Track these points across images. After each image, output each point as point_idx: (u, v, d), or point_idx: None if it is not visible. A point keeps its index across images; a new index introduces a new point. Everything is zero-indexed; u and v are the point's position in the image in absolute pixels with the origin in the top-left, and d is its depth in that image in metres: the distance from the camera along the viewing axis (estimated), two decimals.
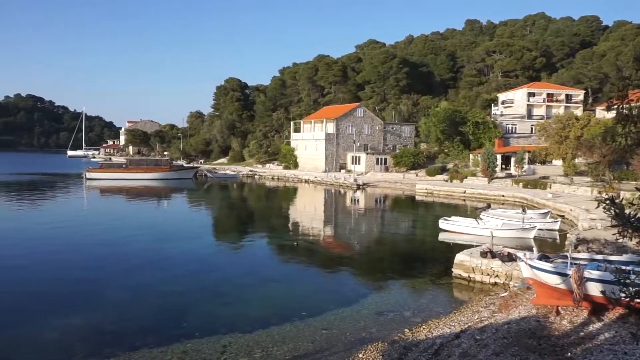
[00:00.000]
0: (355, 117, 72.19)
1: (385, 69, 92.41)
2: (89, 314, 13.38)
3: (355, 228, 31.42)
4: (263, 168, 79.76)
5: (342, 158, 70.82)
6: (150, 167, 65.94)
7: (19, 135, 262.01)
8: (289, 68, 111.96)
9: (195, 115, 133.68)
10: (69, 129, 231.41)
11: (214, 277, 17.76)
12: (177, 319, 13.11)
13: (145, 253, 21.57)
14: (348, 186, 54.48)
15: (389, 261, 21.30)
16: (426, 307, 14.22)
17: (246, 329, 12.22)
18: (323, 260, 21.09)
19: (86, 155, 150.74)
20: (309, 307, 14.01)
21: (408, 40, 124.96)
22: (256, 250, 23.14)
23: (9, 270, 18.00)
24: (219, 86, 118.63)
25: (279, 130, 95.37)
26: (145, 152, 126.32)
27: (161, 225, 29.94)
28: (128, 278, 17.26)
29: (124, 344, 11.26)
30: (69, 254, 20.98)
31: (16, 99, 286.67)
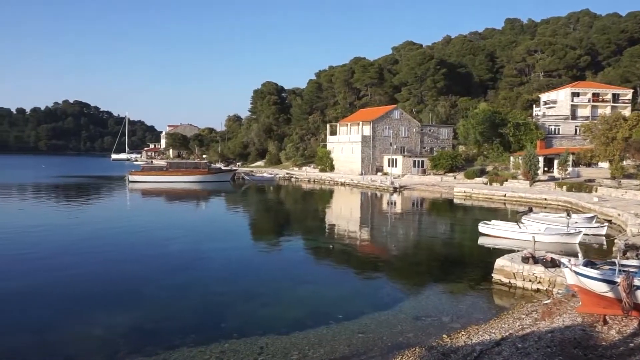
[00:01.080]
0: (392, 119, 71.62)
1: (423, 70, 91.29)
2: (132, 312, 13.78)
3: (392, 231, 31.13)
4: (299, 171, 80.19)
5: (378, 161, 70.40)
6: (190, 170, 67.44)
7: (67, 140, 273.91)
8: (325, 71, 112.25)
9: (233, 118, 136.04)
10: (112, 133, 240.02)
11: (251, 278, 17.96)
12: (215, 319, 13.33)
13: (184, 254, 22.08)
14: (384, 189, 54.08)
15: (427, 265, 20.98)
16: (465, 313, 13.92)
17: (283, 331, 12.30)
18: (359, 264, 20.99)
19: (129, 158, 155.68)
20: (345, 310, 13.96)
21: (446, 41, 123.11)
22: (292, 253, 23.27)
23: (59, 269, 18.75)
24: (256, 90, 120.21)
25: (315, 133, 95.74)
26: (185, 155, 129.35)
27: (200, 227, 30.56)
28: (168, 278, 17.69)
29: (165, 342, 11.53)
30: (113, 254, 21.68)
31: (64, 105, 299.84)
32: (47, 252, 21.53)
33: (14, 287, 16.20)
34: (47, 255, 20.93)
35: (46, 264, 19.37)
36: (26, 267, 18.94)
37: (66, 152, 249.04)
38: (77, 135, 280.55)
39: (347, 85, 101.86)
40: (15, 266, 19.04)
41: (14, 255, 20.92)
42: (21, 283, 16.66)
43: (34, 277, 17.50)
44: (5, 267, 18.82)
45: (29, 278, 17.34)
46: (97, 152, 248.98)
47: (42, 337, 11.98)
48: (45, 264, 19.36)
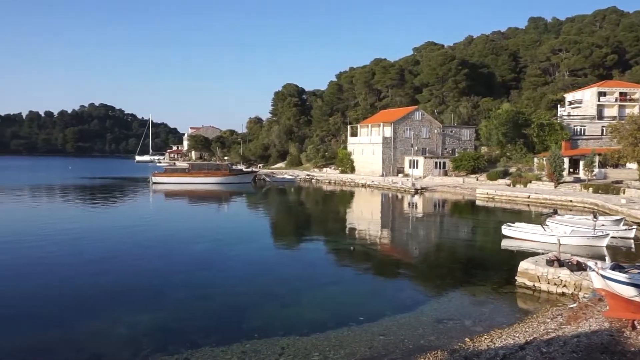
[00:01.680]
0: (413, 120, 71.14)
1: (444, 70, 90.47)
2: (155, 312, 13.99)
3: (413, 233, 30.91)
4: (320, 172, 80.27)
5: (399, 162, 69.98)
6: (211, 171, 68.16)
7: (93, 142, 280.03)
8: (346, 72, 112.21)
9: (254, 121, 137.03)
10: (137, 136, 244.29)
11: (271, 279, 18.05)
12: (237, 319, 13.44)
13: (206, 254, 22.34)
14: (405, 190, 53.74)
15: (449, 268, 20.76)
16: (488, 317, 13.73)
17: (304, 332, 12.33)
18: (380, 265, 20.90)
19: (152, 160, 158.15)
20: (366, 312, 13.93)
21: (467, 41, 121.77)
22: (313, 254, 23.30)
23: (86, 268, 19.18)
24: (276, 92, 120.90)
25: (335, 135, 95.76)
26: (207, 157, 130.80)
27: (221, 228, 30.84)
28: (191, 278, 17.91)
29: (187, 342, 11.68)
30: (137, 254, 22.06)
31: (90, 108, 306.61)
32: (74, 253, 22.03)
33: (42, 285, 16.62)
34: (74, 256, 21.42)
35: (74, 264, 19.83)
36: (54, 266, 19.41)
37: (92, 154, 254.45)
38: (102, 138, 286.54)
39: (367, 87, 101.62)
40: (44, 266, 19.53)
41: (42, 255, 21.46)
42: (49, 282, 17.09)
43: (62, 276, 17.93)
44: (34, 267, 19.31)
45: (57, 277, 17.78)
46: (121, 154, 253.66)
47: (71, 334, 12.27)
48: (72, 264, 19.83)
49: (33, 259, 20.47)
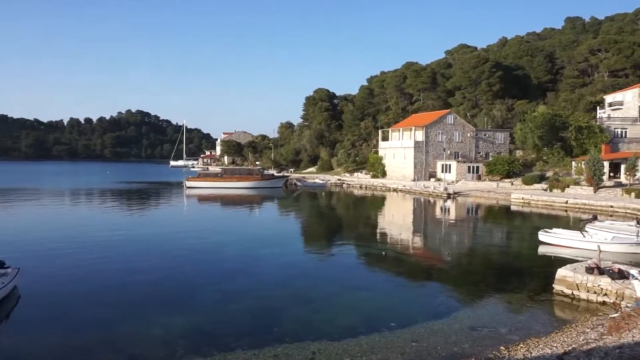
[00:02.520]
0: (445, 124, 70.25)
1: (477, 73, 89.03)
2: (189, 314, 14.26)
3: (446, 238, 30.47)
4: (351, 177, 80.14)
5: (431, 166, 69.16)
6: (243, 176, 69.04)
7: (129, 147, 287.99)
8: (377, 77, 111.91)
9: (285, 125, 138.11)
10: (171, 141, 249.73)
11: (303, 283, 18.11)
12: (268, 323, 13.55)
13: (238, 258, 22.61)
14: (438, 195, 53.04)
15: (482, 274, 20.36)
16: (524, 325, 13.39)
17: (335, 337, 12.31)
18: (412, 271, 20.69)
19: (186, 165, 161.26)
20: (397, 318, 13.81)
21: (501, 43, 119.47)
22: (344, 258, 23.26)
23: (122, 271, 19.73)
24: (308, 97, 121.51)
25: (367, 139, 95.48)
26: (239, 162, 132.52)
27: (253, 232, 31.18)
28: (224, 281, 18.17)
29: (220, 344, 11.85)
30: (171, 257, 22.53)
31: (127, 114, 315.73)
32: (112, 256, 22.69)
33: (82, 287, 17.18)
34: (112, 259, 22.04)
35: (111, 267, 20.41)
36: (93, 269, 20.03)
37: (128, 159, 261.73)
38: (138, 143, 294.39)
39: (399, 91, 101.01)
40: (83, 269, 20.18)
41: (82, 259, 22.19)
42: (89, 284, 17.65)
43: (101, 278, 18.48)
44: (74, 270, 19.99)
45: (96, 279, 18.34)
46: (156, 159, 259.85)
47: (109, 335, 12.63)
48: (110, 267, 20.41)
49: (73, 262, 21.18)
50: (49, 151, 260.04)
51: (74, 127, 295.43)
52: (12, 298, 15.52)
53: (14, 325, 13.92)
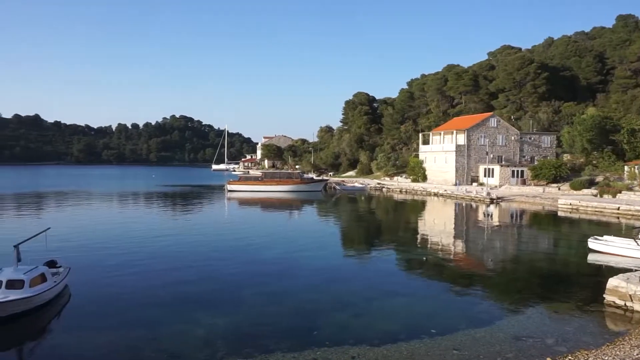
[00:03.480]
0: (488, 127, 68.62)
1: (522, 75, 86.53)
2: (230, 315, 14.51)
3: (489, 244, 29.70)
4: (391, 181, 79.49)
5: (473, 170, 67.68)
6: (283, 179, 69.77)
7: (174, 152, 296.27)
8: (417, 80, 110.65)
9: (325, 129, 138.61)
10: (213, 145, 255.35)
11: (342, 287, 18.09)
12: (308, 326, 13.61)
13: (278, 260, 22.83)
14: (480, 200, 51.81)
15: (527, 282, 19.71)
16: (572, 336, 12.87)
17: (374, 342, 12.23)
18: (453, 277, 20.28)
19: (227, 169, 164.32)
20: (438, 325, 13.57)
21: (547, 43, 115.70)
22: (384, 263, 23.08)
23: (166, 271, 20.32)
24: (347, 101, 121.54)
25: (407, 143, 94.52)
26: (279, 166, 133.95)
27: (293, 235, 31.43)
28: (264, 283, 18.39)
29: (261, 346, 12.00)
30: (213, 259, 23.03)
31: (171, 119, 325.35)
32: (157, 257, 23.41)
33: (128, 287, 17.81)
34: (157, 260, 22.75)
35: (156, 267, 21.07)
36: (140, 270, 20.75)
37: (172, 163, 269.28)
38: (182, 147, 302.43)
39: (440, 94, 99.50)
40: (129, 268, 20.93)
41: (129, 260, 23.02)
42: (135, 284, 18.30)
43: (146, 279, 19.12)
44: (121, 269, 20.75)
45: (142, 280, 18.99)
46: (199, 163, 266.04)
47: (154, 334, 13.04)
48: (154, 267, 21.08)
49: (120, 262, 22.00)
50: (98, 156, 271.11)
51: (121, 133, 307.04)
52: (63, 296, 16.26)
53: (66, 322, 14.58)
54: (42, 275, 15.41)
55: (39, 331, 13.72)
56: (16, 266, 15.35)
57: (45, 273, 15.68)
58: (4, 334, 12.91)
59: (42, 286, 14.95)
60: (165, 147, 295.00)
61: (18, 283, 14.25)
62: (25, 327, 13.60)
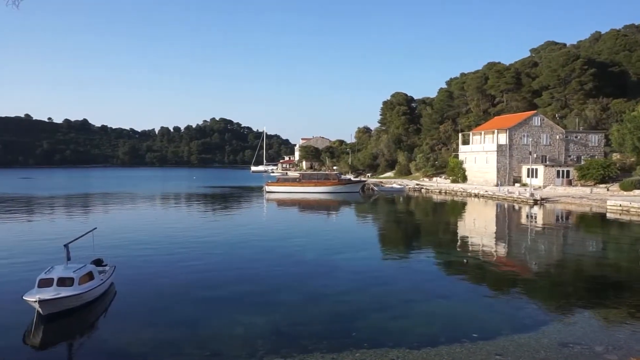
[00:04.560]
0: (531, 126, 66.58)
1: (567, 71, 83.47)
2: (269, 315, 14.64)
3: (532, 247, 28.77)
4: (430, 182, 78.36)
5: (516, 171, 65.82)
6: (321, 180, 69.98)
7: (213, 154, 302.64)
8: (457, 79, 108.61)
9: (362, 130, 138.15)
10: (252, 147, 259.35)
11: (380, 289, 17.95)
12: (346, 328, 13.56)
13: (316, 261, 22.90)
14: (523, 201, 50.30)
15: (574, 287, 18.98)
16: (624, 344, 12.28)
17: (414, 345, 12.07)
18: (495, 280, 19.76)
19: (266, 170, 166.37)
20: (479, 329, 13.25)
21: (594, 38, 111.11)
22: (422, 265, 22.75)
23: (206, 271, 20.74)
24: (385, 101, 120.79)
25: (446, 143, 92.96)
26: (317, 167, 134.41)
27: (331, 236, 31.43)
28: (302, 284, 18.48)
29: (299, 346, 12.05)
30: (252, 259, 23.34)
31: (212, 122, 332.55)
32: (197, 257, 23.93)
33: (171, 285, 18.29)
34: (197, 259, 23.25)
35: (196, 267, 21.53)
36: (180, 269, 21.27)
37: (212, 165, 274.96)
38: (221, 149, 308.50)
39: (480, 92, 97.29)
40: (171, 267, 21.50)
41: (170, 258, 23.65)
42: (177, 282, 18.77)
43: (187, 278, 19.57)
44: (163, 268, 21.34)
45: (182, 278, 19.45)
46: (238, 165, 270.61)
47: (195, 331, 13.32)
48: (195, 267, 21.54)
49: (163, 261, 22.64)
50: (142, 158, 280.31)
51: (164, 136, 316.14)
52: (109, 294, 16.86)
53: (112, 319, 15.11)
54: (90, 273, 16.02)
55: (88, 327, 14.28)
56: (66, 264, 16.04)
57: (93, 271, 16.31)
58: (55, 329, 13.50)
59: (90, 284, 15.55)
60: (206, 149, 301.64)
61: (68, 280, 14.87)
62: (74, 322, 14.17)
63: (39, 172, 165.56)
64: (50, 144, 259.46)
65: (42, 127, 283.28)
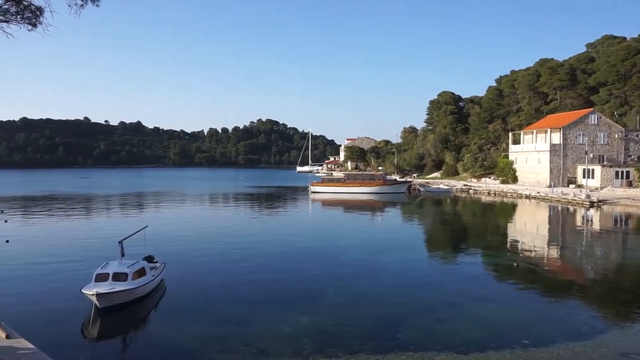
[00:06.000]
0: (587, 124, 63.57)
1: (627, 66, 79.11)
2: (314, 314, 14.70)
3: (588, 251, 27.44)
4: (478, 182, 76.36)
5: (570, 171, 63.02)
6: (366, 181, 69.61)
7: (260, 154, 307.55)
8: (507, 76, 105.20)
9: (408, 130, 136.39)
10: (297, 148, 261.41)
11: (426, 291, 17.64)
12: (391, 330, 13.42)
13: (361, 262, 22.79)
14: (578, 203, 48.09)
15: (635, 293, 17.94)
16: None
17: (461, 349, 11.78)
18: (548, 285, 18.99)
19: (311, 170, 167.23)
20: (531, 335, 12.77)
21: None
22: (470, 268, 22.16)
23: (253, 270, 21.07)
24: (432, 100, 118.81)
25: (495, 143, 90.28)
26: (362, 167, 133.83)
27: (376, 237, 31.21)
28: (347, 284, 18.43)
29: (344, 347, 12.02)
30: (298, 259, 23.55)
31: (258, 123, 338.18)
32: (244, 255, 24.38)
33: (218, 283, 18.73)
34: (244, 258, 23.67)
35: (243, 265, 21.94)
36: (229, 268, 21.74)
37: (259, 165, 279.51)
38: (268, 150, 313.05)
39: (532, 90, 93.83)
40: (219, 265, 22.01)
41: (218, 256, 24.21)
42: (224, 280, 19.21)
43: (234, 275, 19.98)
44: (211, 266, 21.87)
45: (229, 276, 19.87)
46: (284, 165, 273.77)
47: (241, 328, 13.56)
48: (242, 265, 21.95)
49: (210, 259, 23.22)
50: (192, 159, 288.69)
51: (212, 137, 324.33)
52: (160, 289, 17.44)
53: (162, 314, 15.62)
54: (142, 269, 16.64)
55: (139, 321, 14.84)
56: (120, 260, 16.74)
57: (145, 267, 16.93)
58: (110, 322, 14.11)
59: (142, 279, 16.15)
60: (252, 149, 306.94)
61: (122, 276, 15.51)
62: (127, 316, 14.75)
63: (97, 172, 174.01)
64: (106, 145, 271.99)
65: (100, 129, 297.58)
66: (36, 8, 11.18)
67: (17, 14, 11.12)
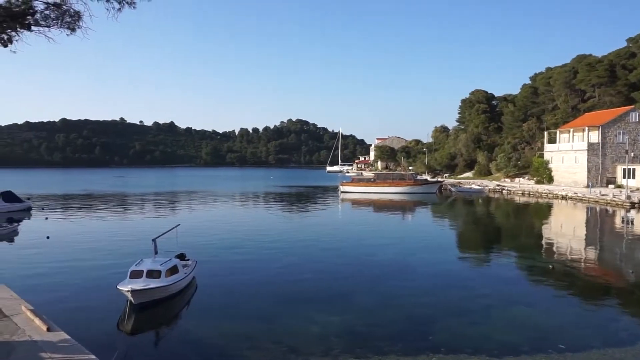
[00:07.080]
0: (628, 122, 61.29)
1: None
2: (344, 314, 14.67)
3: (628, 254, 26.44)
4: (512, 182, 74.69)
5: (609, 171, 60.90)
6: (396, 181, 69.06)
7: (290, 154, 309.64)
8: (542, 74, 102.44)
9: (439, 129, 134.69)
10: (327, 147, 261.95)
11: (458, 293, 17.35)
12: (422, 331, 13.27)
13: (392, 262, 22.61)
14: (618, 204, 46.40)
15: None
16: None
17: (494, 353, 11.54)
18: (585, 289, 18.39)
19: (341, 170, 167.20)
20: (568, 340, 12.39)
21: None
22: (503, 269, 21.69)
23: (284, 269, 21.21)
24: (464, 99, 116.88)
25: (529, 142, 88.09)
26: (392, 167, 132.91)
27: (406, 237, 30.92)
28: (377, 285, 18.32)
29: (374, 347, 11.95)
30: (327, 258, 23.54)
31: (288, 123, 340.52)
32: (274, 254, 24.57)
33: (249, 281, 18.92)
34: (275, 256, 23.86)
35: (274, 264, 22.11)
36: (260, 267, 21.95)
37: (289, 165, 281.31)
38: (298, 150, 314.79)
39: (568, 87, 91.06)
40: (250, 264, 22.24)
41: (249, 255, 24.46)
42: (254, 279, 19.37)
43: (265, 274, 20.14)
44: (242, 264, 22.12)
45: (260, 275, 20.04)
46: (314, 165, 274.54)
47: (271, 327, 13.66)
48: (273, 264, 22.13)
49: (241, 258, 23.48)
50: (223, 158, 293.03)
51: (243, 137, 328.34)
52: (192, 287, 17.75)
53: (194, 311, 15.90)
54: (175, 267, 16.97)
55: (172, 317, 15.13)
56: (154, 258, 17.12)
57: (178, 265, 17.26)
58: (144, 318, 14.44)
59: (175, 277, 16.47)
60: (283, 149, 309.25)
61: (156, 273, 15.86)
62: (160, 313, 15.07)
63: (132, 171, 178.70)
64: (141, 145, 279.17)
65: (135, 129, 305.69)
66: (75, 12, 11.51)
67: (57, 19, 11.49)
